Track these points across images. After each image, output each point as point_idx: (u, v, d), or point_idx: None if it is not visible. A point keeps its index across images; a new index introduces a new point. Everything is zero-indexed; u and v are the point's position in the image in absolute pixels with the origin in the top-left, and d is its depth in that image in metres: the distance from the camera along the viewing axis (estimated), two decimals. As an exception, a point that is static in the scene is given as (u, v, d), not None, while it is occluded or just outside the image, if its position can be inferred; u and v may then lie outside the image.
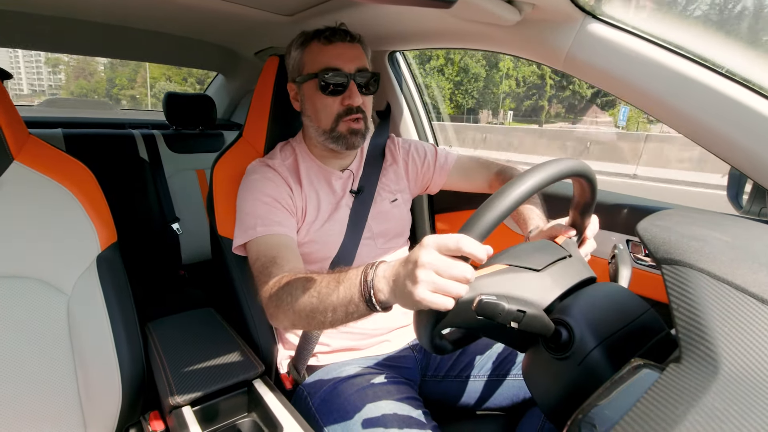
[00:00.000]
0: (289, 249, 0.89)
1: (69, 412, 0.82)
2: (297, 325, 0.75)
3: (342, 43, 0.97)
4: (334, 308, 0.66)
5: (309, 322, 0.72)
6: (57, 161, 0.88)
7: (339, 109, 0.97)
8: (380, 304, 0.61)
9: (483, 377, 1.00)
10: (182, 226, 1.98)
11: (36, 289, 0.80)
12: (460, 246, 0.52)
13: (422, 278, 0.53)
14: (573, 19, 0.83)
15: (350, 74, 0.96)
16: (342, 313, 0.66)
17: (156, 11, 1.45)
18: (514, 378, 0.98)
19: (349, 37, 0.98)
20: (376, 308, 0.62)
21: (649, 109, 0.82)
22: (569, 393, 0.55)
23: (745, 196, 0.94)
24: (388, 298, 0.60)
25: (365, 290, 0.62)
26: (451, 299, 0.53)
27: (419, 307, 0.55)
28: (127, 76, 39.93)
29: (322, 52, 0.97)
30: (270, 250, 0.87)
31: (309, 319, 0.71)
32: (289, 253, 0.87)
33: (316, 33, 0.98)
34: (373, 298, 0.61)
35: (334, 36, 0.97)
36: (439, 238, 0.54)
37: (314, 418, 0.88)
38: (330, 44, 0.97)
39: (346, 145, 0.99)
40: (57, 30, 1.63)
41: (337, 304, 0.66)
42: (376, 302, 0.61)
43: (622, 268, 0.72)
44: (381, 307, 0.62)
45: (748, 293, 0.44)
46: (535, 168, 0.59)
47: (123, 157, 1.89)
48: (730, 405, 0.38)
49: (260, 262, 0.86)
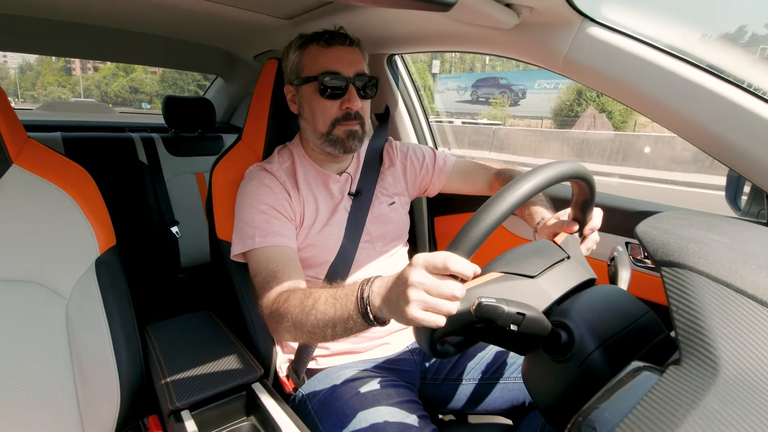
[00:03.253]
0: (289, 261, 0.89)
1: (67, 415, 0.82)
2: (299, 339, 0.77)
3: (341, 46, 0.97)
4: (333, 324, 0.68)
5: (311, 338, 0.74)
6: (56, 165, 0.88)
7: (337, 113, 0.97)
8: (377, 319, 0.63)
9: (483, 380, 0.99)
10: (181, 229, 1.98)
11: (34, 292, 0.80)
12: (447, 265, 0.53)
13: (413, 297, 0.54)
14: (571, 22, 0.83)
15: (350, 78, 0.96)
16: (341, 329, 0.68)
17: (155, 15, 1.46)
18: (513, 381, 0.97)
19: (348, 41, 0.99)
20: (374, 323, 0.64)
21: (648, 111, 0.82)
22: (569, 396, 0.55)
23: (743, 198, 0.94)
24: (384, 314, 0.62)
25: (361, 306, 0.64)
26: (441, 317, 0.55)
27: (412, 324, 0.57)
28: (30, 80, 47.59)
29: (321, 55, 0.97)
30: (270, 263, 0.87)
31: (310, 335, 0.73)
32: (289, 266, 0.88)
33: (315, 36, 0.98)
34: (369, 314, 0.63)
35: (333, 39, 0.97)
36: (427, 257, 0.55)
37: (314, 421, 0.87)
38: (329, 47, 0.97)
39: (343, 149, 0.99)
40: (56, 34, 1.63)
41: (336, 320, 0.67)
42: (373, 318, 0.63)
43: (621, 270, 0.72)
44: (378, 323, 0.64)
45: (747, 295, 0.44)
46: (523, 177, 0.58)
47: (122, 160, 1.89)
48: (729, 407, 0.38)
49: (260, 276, 0.87)
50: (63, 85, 41.86)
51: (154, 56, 2.13)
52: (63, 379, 0.82)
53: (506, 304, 0.50)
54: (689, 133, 0.79)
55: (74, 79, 43.79)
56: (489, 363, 1.01)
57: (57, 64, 42.23)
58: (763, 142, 0.71)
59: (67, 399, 0.82)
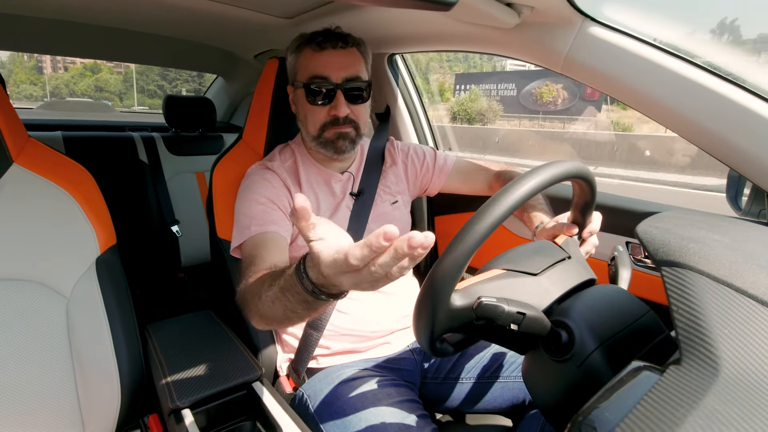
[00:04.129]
0: (271, 245, 0.86)
1: (67, 414, 0.82)
2: (270, 323, 0.68)
3: (333, 50, 0.96)
4: (286, 298, 0.58)
5: (274, 318, 0.65)
6: (56, 164, 0.88)
7: (325, 118, 0.97)
8: (313, 285, 0.53)
9: (483, 380, 1.00)
10: (181, 228, 1.98)
11: (35, 291, 0.80)
12: None
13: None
14: (572, 21, 0.83)
15: (337, 84, 0.95)
16: (295, 302, 0.57)
17: (156, 14, 1.46)
18: (514, 380, 0.98)
19: (342, 43, 0.97)
20: (312, 290, 0.53)
21: (648, 111, 0.82)
22: (569, 395, 0.55)
23: (744, 198, 0.94)
24: (317, 275, 0.51)
25: (303, 268, 0.54)
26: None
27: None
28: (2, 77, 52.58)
29: (311, 60, 0.96)
30: (253, 249, 0.86)
31: (271, 314, 0.64)
32: (268, 251, 0.83)
33: (310, 38, 0.98)
34: (306, 273, 0.53)
35: (326, 42, 0.96)
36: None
37: (314, 420, 0.88)
38: (321, 51, 0.96)
39: (334, 150, 0.99)
40: (57, 33, 1.63)
41: (287, 292, 0.57)
42: (309, 281, 0.53)
43: (621, 270, 0.71)
44: (314, 285, 0.53)
45: (748, 295, 0.44)
46: (529, 174, 0.57)
47: (123, 159, 1.89)
48: (730, 407, 0.38)
49: (244, 264, 0.86)
50: (34, 83, 43.21)
51: (155, 56, 2.13)
52: (63, 378, 0.82)
53: (507, 304, 0.50)
54: (690, 133, 0.78)
55: (45, 77, 44.77)
56: (489, 362, 1.01)
57: (29, 63, 43.33)
58: (763, 142, 0.71)
59: (68, 398, 0.82)
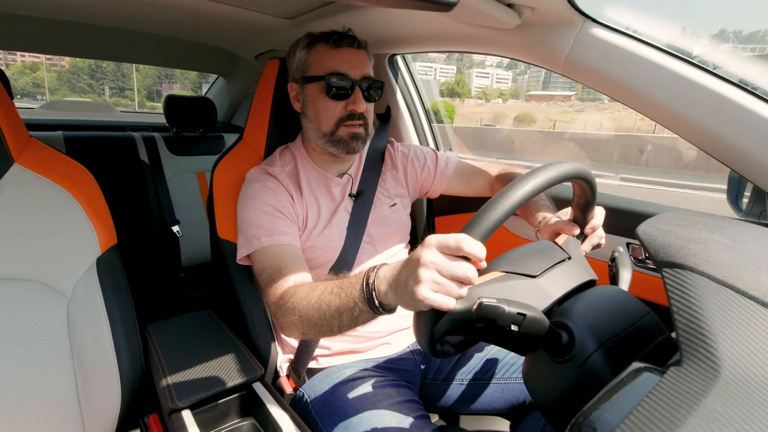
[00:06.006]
0: (294, 258, 0.89)
1: (67, 414, 0.82)
2: (307, 334, 0.75)
3: (349, 48, 0.98)
4: (339, 314, 0.67)
5: (318, 331, 0.72)
6: (57, 164, 0.88)
7: (341, 113, 0.97)
8: (382, 306, 0.61)
9: (483, 380, 0.99)
10: (182, 228, 1.98)
11: (36, 291, 0.80)
12: (460, 245, 0.52)
13: (424, 277, 0.53)
14: (573, 22, 0.83)
15: (356, 80, 0.96)
16: (348, 318, 0.66)
17: (157, 15, 1.46)
18: (514, 381, 0.97)
19: (357, 43, 0.99)
20: (379, 310, 0.62)
21: (649, 112, 0.82)
22: (569, 396, 0.55)
23: (744, 200, 0.94)
24: (390, 299, 0.60)
25: (367, 293, 0.62)
26: (452, 299, 0.53)
27: (421, 307, 0.55)
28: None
29: (329, 55, 0.97)
30: (275, 260, 0.87)
31: (318, 328, 0.71)
32: (295, 263, 0.87)
33: (324, 35, 0.98)
34: (375, 299, 0.61)
35: (341, 40, 0.97)
36: (440, 237, 0.54)
37: (314, 421, 0.88)
38: (338, 48, 0.97)
39: (346, 150, 0.99)
40: (59, 33, 1.64)
41: (342, 309, 0.66)
42: (378, 304, 0.61)
43: (622, 271, 0.72)
44: (384, 309, 0.62)
45: (749, 296, 0.44)
46: (536, 170, 0.59)
47: (123, 159, 1.89)
48: (730, 408, 0.38)
49: (266, 273, 0.86)
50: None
51: (156, 56, 2.13)
52: (64, 378, 0.82)
53: (507, 305, 0.50)
54: (691, 134, 0.78)
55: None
56: (489, 363, 1.01)
57: (-31, 58, 45.73)
58: (763, 143, 0.71)
59: (68, 397, 0.82)
